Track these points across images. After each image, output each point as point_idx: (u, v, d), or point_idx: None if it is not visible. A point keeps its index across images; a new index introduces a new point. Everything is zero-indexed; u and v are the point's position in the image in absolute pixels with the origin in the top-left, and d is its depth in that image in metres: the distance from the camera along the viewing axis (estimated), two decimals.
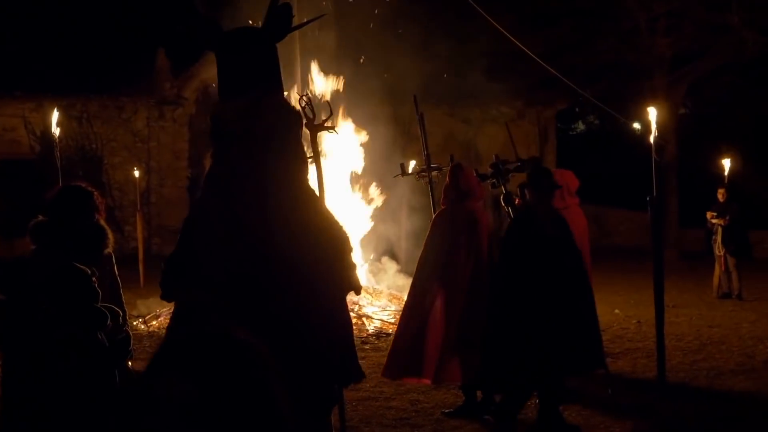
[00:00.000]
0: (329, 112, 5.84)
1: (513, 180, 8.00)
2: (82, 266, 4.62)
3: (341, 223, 5.12)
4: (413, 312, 7.08)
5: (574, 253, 6.75)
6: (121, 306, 5.33)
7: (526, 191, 6.89)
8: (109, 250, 5.29)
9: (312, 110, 5.57)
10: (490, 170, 7.89)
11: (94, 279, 4.68)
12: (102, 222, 5.31)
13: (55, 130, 7.54)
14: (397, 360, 7.10)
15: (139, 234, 15.50)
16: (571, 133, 30.69)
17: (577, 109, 27.83)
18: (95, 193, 5.44)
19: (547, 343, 6.36)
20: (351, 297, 5.71)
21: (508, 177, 7.85)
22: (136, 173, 16.47)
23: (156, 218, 21.13)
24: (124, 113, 21.39)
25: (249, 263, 4.64)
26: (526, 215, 6.77)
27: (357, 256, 13.01)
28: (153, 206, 21.17)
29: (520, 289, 6.47)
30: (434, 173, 8.31)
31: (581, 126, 31.40)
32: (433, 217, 7.36)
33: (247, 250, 4.64)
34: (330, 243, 4.85)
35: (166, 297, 5.07)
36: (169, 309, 11.71)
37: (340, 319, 4.95)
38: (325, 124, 5.71)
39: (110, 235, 5.17)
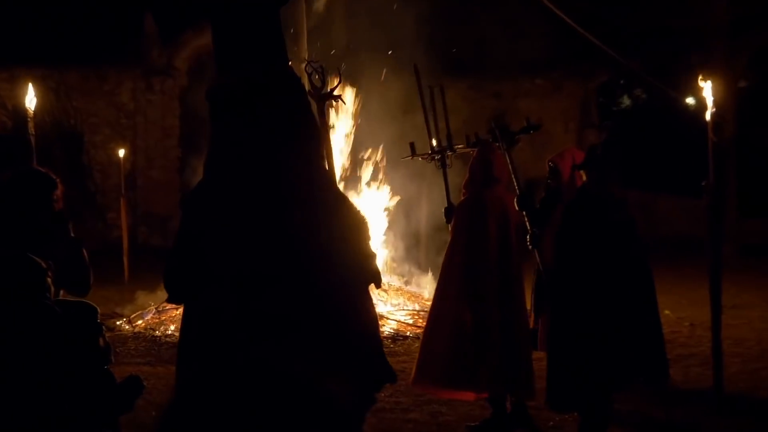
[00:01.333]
0: (338, 80, 5.84)
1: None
2: (37, 259, 4.59)
3: (358, 207, 5.11)
4: (443, 316, 7.06)
5: (640, 242, 6.68)
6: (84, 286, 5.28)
7: (582, 171, 6.79)
8: (73, 234, 5.28)
9: (323, 78, 5.56)
10: (489, 136, 7.83)
11: (49, 274, 4.65)
12: (61, 211, 5.29)
13: (29, 105, 7.55)
14: (429, 369, 7.09)
15: (123, 222, 15.51)
16: (614, 108, 30.53)
17: (621, 82, 27.68)
18: (58, 180, 5.43)
19: (611, 351, 6.33)
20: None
21: (515, 141, 7.82)
22: (121, 153, 16.48)
23: (142, 204, 21.17)
24: (107, 85, 21.42)
25: (267, 256, 4.63)
26: (582, 200, 6.69)
27: (376, 245, 13.04)
28: (139, 191, 21.21)
29: (581, 288, 6.43)
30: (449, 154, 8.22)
31: (626, 101, 31.23)
32: (457, 206, 7.33)
33: (263, 242, 4.64)
34: (349, 230, 4.85)
35: (174, 299, 5.07)
36: (158, 307, 11.76)
37: (367, 313, 4.96)
38: (334, 93, 5.71)
39: (70, 225, 5.15)
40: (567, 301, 6.50)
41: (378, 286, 5.37)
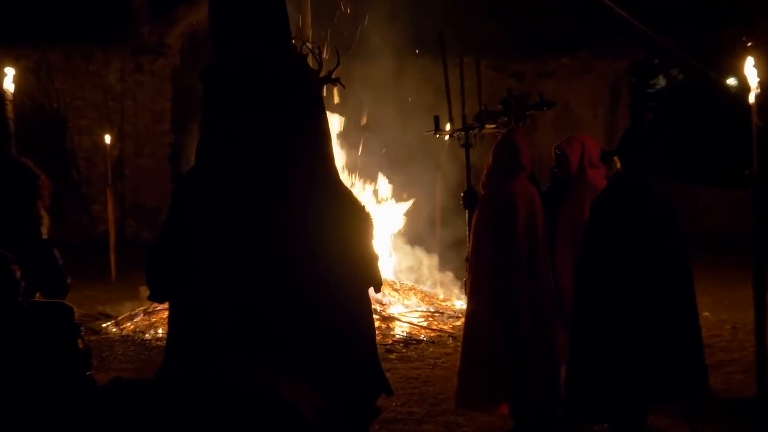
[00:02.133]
0: (336, 61, 5.81)
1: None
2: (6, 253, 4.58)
3: (363, 204, 5.09)
4: (476, 331, 7.04)
5: (680, 239, 6.64)
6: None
7: (615, 158, 6.75)
8: (45, 235, 5.28)
9: (319, 59, 5.53)
10: (499, 107, 7.81)
11: (15, 268, 4.64)
12: (41, 209, 5.29)
13: (8, 86, 7.55)
14: (469, 385, 7.08)
15: (110, 215, 15.54)
16: (648, 90, 30.42)
17: (655, 61, 27.58)
18: (42, 176, 5.43)
19: (645, 358, 6.31)
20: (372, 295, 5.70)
21: (525, 116, 7.79)
22: (107, 139, 16.50)
23: (131, 195, 21.20)
24: (93, 65, 21.43)
25: (259, 253, 4.62)
26: (616, 190, 6.65)
27: (383, 244, 13.02)
28: (128, 180, 21.22)
29: (612, 288, 6.40)
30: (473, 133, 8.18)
31: (661, 82, 31.13)
32: (480, 202, 7.25)
33: (256, 238, 4.62)
34: (352, 228, 4.82)
35: (155, 297, 5.06)
36: (148, 308, 11.77)
37: (365, 320, 4.94)
38: (332, 76, 5.68)
39: (46, 222, 5.15)
40: (596, 302, 6.46)
41: (378, 290, 5.36)
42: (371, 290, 5.23)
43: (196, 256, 4.73)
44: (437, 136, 8.48)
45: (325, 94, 6.74)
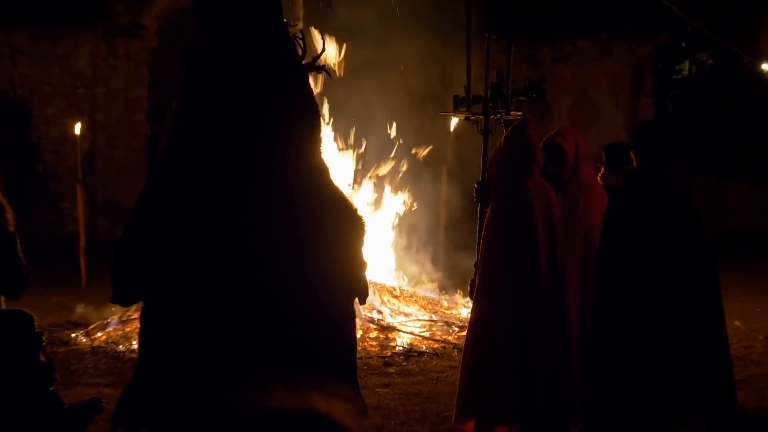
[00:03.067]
0: (321, 47, 5.83)
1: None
2: None
3: (355, 207, 5.09)
4: (485, 344, 7.03)
5: (705, 241, 6.63)
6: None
7: (632, 154, 6.76)
8: (11, 228, 5.28)
9: (303, 45, 5.53)
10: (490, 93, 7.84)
11: None
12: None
13: None
14: (471, 401, 7.07)
15: (80, 213, 15.52)
16: (675, 77, 30.43)
17: (682, 44, 27.58)
18: None
19: (668, 374, 6.31)
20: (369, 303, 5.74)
21: (512, 104, 7.81)
22: (77, 130, 16.47)
23: (103, 191, 21.18)
24: (61, 48, 21.40)
25: (239, 256, 4.63)
26: (632, 188, 6.65)
27: (379, 246, 13.01)
28: (99, 175, 21.21)
29: (630, 296, 6.40)
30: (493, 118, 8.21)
31: (689, 67, 31.13)
32: (492, 204, 7.21)
33: (236, 239, 4.63)
34: (340, 232, 4.83)
35: (119, 299, 5.06)
36: (122, 316, 11.77)
37: (347, 334, 4.96)
38: (317, 63, 5.68)
39: (10, 213, 5.16)
40: (614, 313, 6.47)
41: (363, 302, 5.37)
42: (357, 301, 5.25)
43: (168, 256, 4.73)
44: (454, 117, 8.57)
45: (314, 82, 6.76)
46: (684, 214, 6.50)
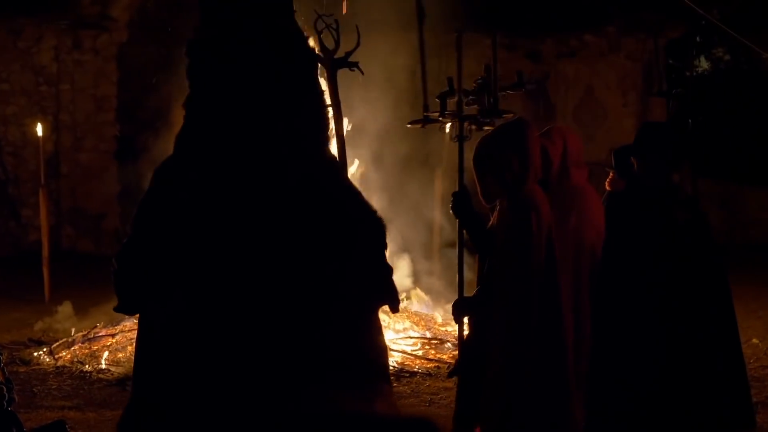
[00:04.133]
0: (356, 42, 5.83)
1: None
2: None
3: (373, 208, 5.10)
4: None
5: (713, 250, 6.65)
6: None
7: (633, 158, 6.78)
8: None
9: (337, 37, 5.54)
10: (474, 86, 7.72)
11: None
12: None
13: None
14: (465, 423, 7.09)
15: (43, 221, 15.52)
16: (688, 74, 30.48)
17: (697, 39, 27.66)
18: None
19: (677, 396, 6.34)
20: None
21: (501, 93, 7.72)
22: (39, 130, 16.47)
23: (68, 198, 21.16)
24: (22, 41, 21.39)
25: (247, 261, 4.65)
26: (633, 194, 6.67)
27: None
28: (64, 180, 21.19)
29: (633, 312, 6.42)
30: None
31: (704, 64, 31.24)
32: (495, 221, 7.18)
33: (245, 243, 4.65)
34: (359, 235, 4.86)
35: (125, 308, 5.08)
36: (88, 333, 11.77)
37: (370, 342, 4.98)
38: (350, 59, 5.70)
39: None
40: (618, 331, 6.49)
41: (395, 309, 5.38)
42: (386, 308, 5.29)
43: (176, 262, 4.76)
44: (423, 126, 8.13)
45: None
46: (691, 221, 6.53)
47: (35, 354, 11.62)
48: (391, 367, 10.76)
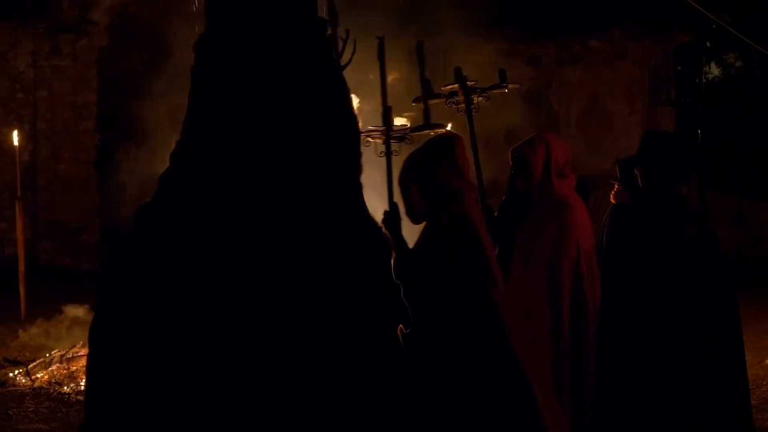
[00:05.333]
0: (352, 48, 5.84)
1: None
2: None
3: (379, 225, 5.10)
4: None
5: (722, 268, 6.67)
6: None
7: (636, 170, 6.80)
8: None
9: (343, 47, 5.53)
10: (447, 90, 7.71)
11: None
12: None
13: None
14: None
15: (19, 235, 15.50)
16: (698, 81, 30.55)
17: (707, 44, 27.72)
18: None
19: (678, 422, 6.37)
20: None
21: (474, 100, 7.70)
22: (16, 140, 16.48)
23: (46, 210, 21.16)
24: None
25: (247, 274, 4.66)
26: (638, 208, 6.69)
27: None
28: (42, 192, 21.19)
29: (636, 333, 6.45)
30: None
31: (714, 70, 31.32)
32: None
33: (243, 267, 4.66)
34: (364, 255, 4.86)
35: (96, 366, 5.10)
36: (66, 353, 11.77)
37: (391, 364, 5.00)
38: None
39: None
40: (620, 352, 6.52)
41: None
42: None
43: (168, 279, 4.77)
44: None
45: None
46: (698, 237, 6.54)
47: (11, 374, 11.62)
48: None
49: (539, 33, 22.48)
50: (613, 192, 8.64)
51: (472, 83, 7.65)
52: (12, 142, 16.39)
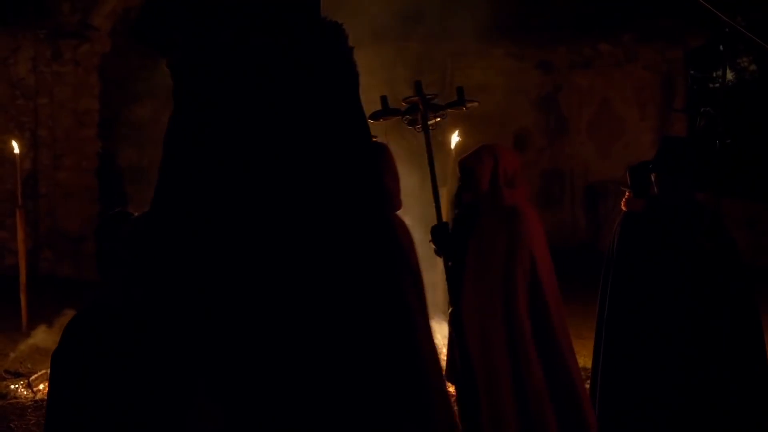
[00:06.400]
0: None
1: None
2: None
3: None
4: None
5: (742, 277, 6.64)
6: None
7: (653, 176, 6.78)
8: None
9: None
10: (405, 105, 7.68)
11: None
12: None
13: None
14: None
15: (20, 244, 15.52)
16: (711, 85, 30.58)
17: (721, 47, 27.64)
18: None
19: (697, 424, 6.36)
20: None
21: (441, 112, 7.67)
22: (16, 148, 16.51)
23: (47, 219, 21.19)
24: None
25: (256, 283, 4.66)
26: (653, 216, 6.67)
27: None
28: (43, 200, 21.22)
29: (652, 345, 6.43)
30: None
31: (728, 74, 31.25)
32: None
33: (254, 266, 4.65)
34: (377, 268, 4.85)
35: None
36: None
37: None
38: None
39: None
40: (631, 366, 6.50)
41: None
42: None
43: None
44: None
45: None
46: (717, 246, 6.52)
47: (12, 387, 11.64)
48: None
49: (549, 37, 22.46)
50: (623, 199, 8.62)
51: (430, 96, 7.63)
52: (12, 149, 16.36)
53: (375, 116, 7.25)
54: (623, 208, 8.49)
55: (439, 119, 7.58)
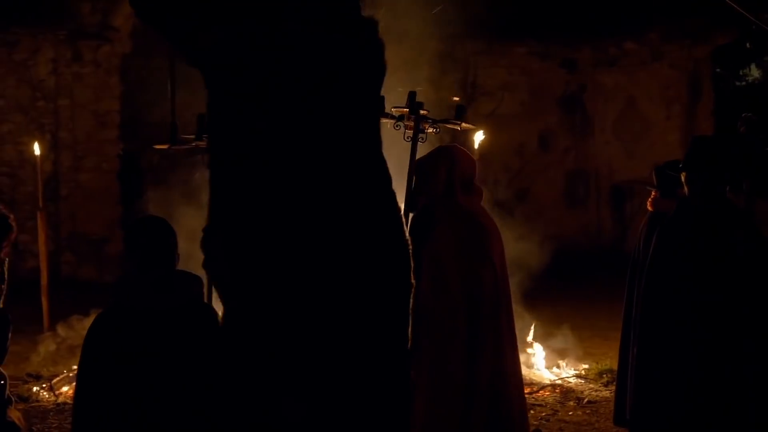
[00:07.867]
0: None
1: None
2: None
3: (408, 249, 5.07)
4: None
5: None
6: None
7: (683, 176, 6.73)
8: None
9: None
10: (403, 111, 7.65)
11: None
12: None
13: None
14: None
15: (42, 247, 15.54)
16: (738, 84, 30.47)
17: (747, 46, 27.59)
18: (10, 218, 5.59)
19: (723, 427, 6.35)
20: None
21: (435, 125, 7.60)
22: (37, 149, 16.53)
23: (68, 222, 21.21)
24: (18, 54, 21.47)
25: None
26: (683, 219, 6.62)
27: None
28: (64, 202, 21.24)
29: (682, 352, 6.40)
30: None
31: (755, 72, 31.16)
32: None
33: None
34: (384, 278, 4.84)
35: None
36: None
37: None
38: None
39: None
40: (662, 377, 6.49)
41: None
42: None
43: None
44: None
45: None
46: (751, 248, 6.45)
47: (34, 389, 11.65)
48: None
49: (573, 35, 22.40)
50: (650, 199, 8.57)
51: (425, 113, 7.60)
52: (33, 151, 16.33)
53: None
54: (649, 208, 8.45)
55: (432, 131, 7.57)
